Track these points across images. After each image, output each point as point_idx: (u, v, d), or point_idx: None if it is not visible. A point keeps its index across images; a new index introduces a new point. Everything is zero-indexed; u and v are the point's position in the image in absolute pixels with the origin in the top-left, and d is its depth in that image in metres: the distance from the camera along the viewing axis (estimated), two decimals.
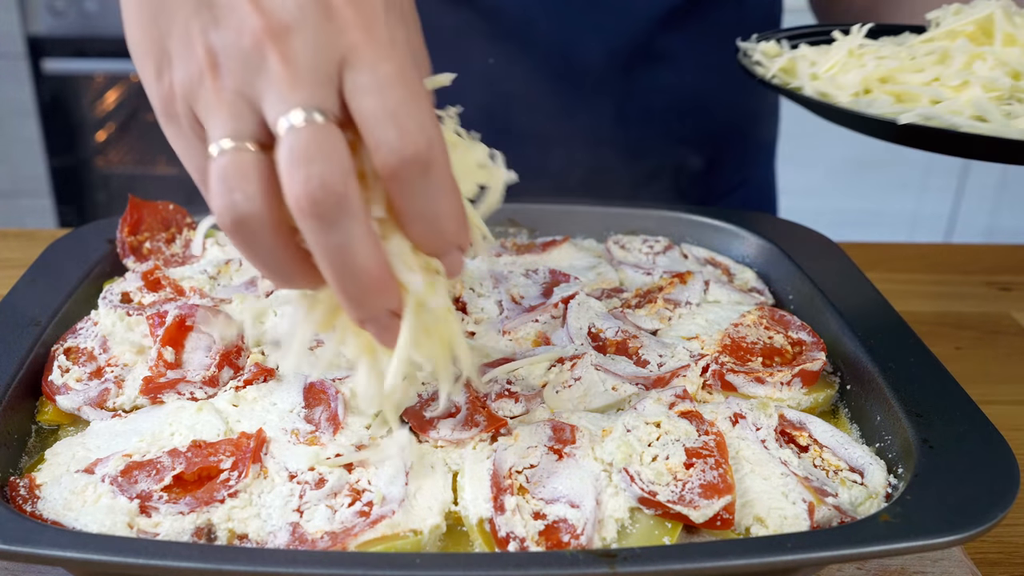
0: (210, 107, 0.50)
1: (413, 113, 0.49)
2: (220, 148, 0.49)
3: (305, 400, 0.65)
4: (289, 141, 0.47)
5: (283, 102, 0.48)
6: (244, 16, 0.49)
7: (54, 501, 0.56)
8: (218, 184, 0.49)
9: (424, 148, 0.49)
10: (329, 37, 0.49)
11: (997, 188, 2.87)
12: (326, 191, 0.47)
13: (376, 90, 0.49)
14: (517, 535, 0.54)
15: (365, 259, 0.49)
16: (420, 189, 0.50)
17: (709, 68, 1.12)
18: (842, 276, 0.83)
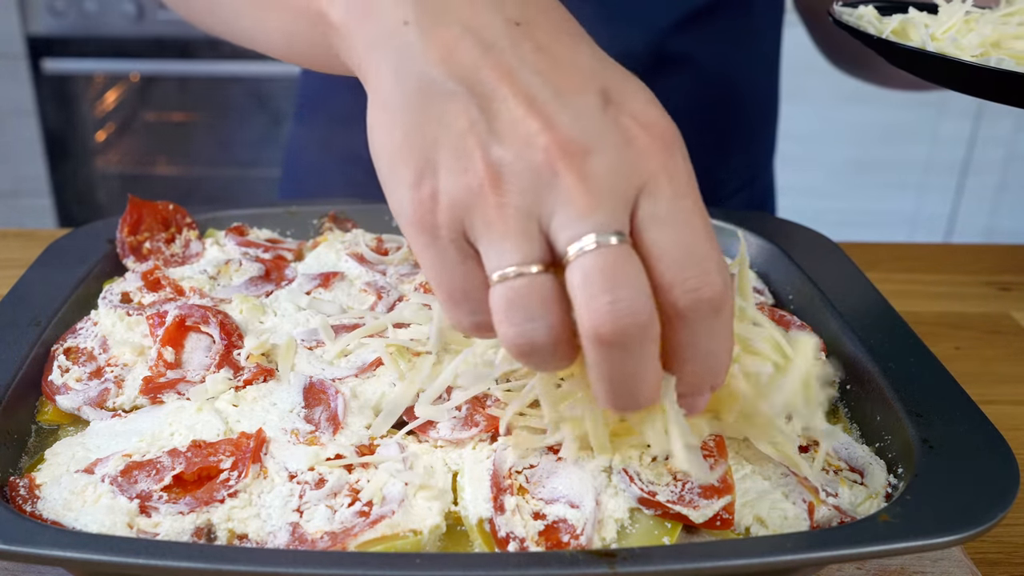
0: (492, 225, 0.48)
1: (711, 253, 0.48)
2: (505, 273, 0.47)
3: (305, 400, 0.65)
4: (586, 264, 0.46)
5: (580, 223, 0.46)
6: (534, 133, 0.47)
7: (54, 501, 0.56)
8: (511, 311, 0.48)
9: (720, 291, 0.48)
10: (629, 161, 0.48)
11: (997, 188, 2.87)
12: (633, 318, 0.46)
13: (676, 224, 0.48)
14: (517, 535, 0.54)
15: (651, 386, 0.49)
16: (706, 330, 0.49)
17: (718, 71, 1.12)
18: (842, 276, 0.83)
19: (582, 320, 0.47)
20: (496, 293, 0.48)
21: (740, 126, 1.21)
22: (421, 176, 0.49)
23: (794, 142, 2.63)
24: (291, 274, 0.83)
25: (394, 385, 0.66)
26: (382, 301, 0.78)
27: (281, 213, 0.94)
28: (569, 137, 0.47)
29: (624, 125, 0.49)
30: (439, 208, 0.49)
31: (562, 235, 0.47)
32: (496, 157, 0.47)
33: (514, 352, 0.49)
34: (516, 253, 0.47)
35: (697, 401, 0.53)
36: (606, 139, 0.48)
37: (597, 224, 0.46)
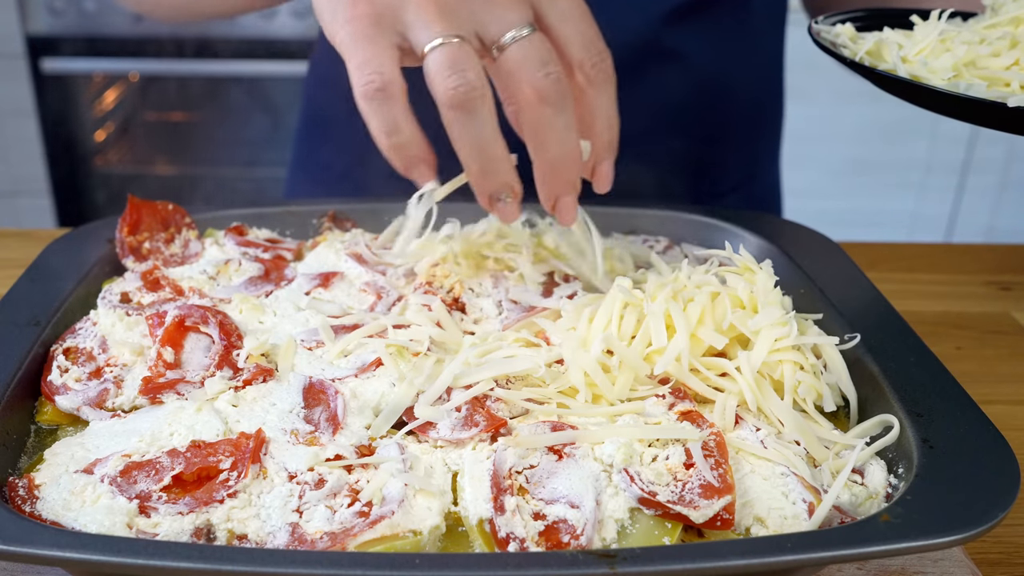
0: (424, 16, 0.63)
1: (601, 39, 0.70)
2: (434, 43, 0.63)
3: (304, 400, 0.65)
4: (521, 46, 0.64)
5: (504, 18, 0.64)
6: None
7: (53, 501, 0.56)
8: (443, 68, 0.63)
9: (611, 64, 0.70)
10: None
11: (997, 188, 2.87)
12: (561, 84, 0.65)
13: (575, 19, 0.68)
14: (517, 535, 0.54)
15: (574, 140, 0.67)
16: (607, 93, 0.70)
17: (713, 68, 1.12)
18: (842, 276, 0.82)
19: (525, 89, 0.64)
20: (429, 60, 0.64)
21: (735, 124, 1.21)
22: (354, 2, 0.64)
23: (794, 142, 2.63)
24: (291, 274, 0.83)
25: (394, 385, 0.66)
26: (382, 301, 0.78)
27: (281, 213, 0.94)
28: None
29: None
30: (376, 15, 0.64)
31: (491, 28, 0.65)
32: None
33: (448, 104, 0.63)
34: (444, 29, 0.63)
35: (606, 168, 0.73)
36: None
37: (519, 19, 0.65)
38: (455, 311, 0.76)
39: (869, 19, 0.90)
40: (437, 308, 0.75)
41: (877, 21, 0.88)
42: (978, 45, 0.77)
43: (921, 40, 0.79)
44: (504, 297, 0.78)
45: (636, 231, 0.95)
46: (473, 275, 0.82)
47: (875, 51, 0.81)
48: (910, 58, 0.78)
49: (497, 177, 0.67)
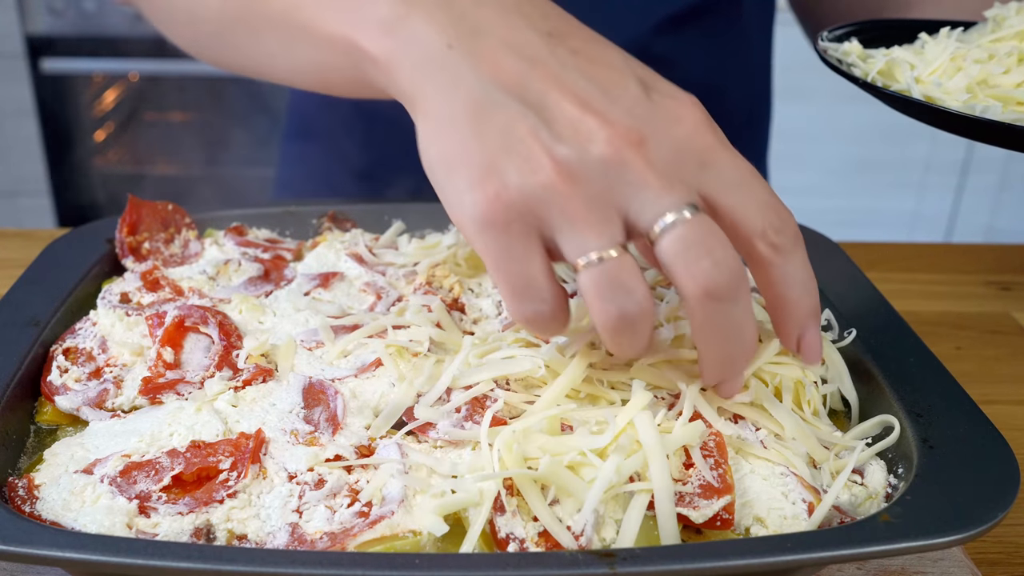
0: (570, 216, 0.53)
1: (777, 200, 0.58)
2: (590, 259, 0.53)
3: (304, 400, 0.65)
4: (678, 235, 0.53)
5: (658, 202, 0.53)
6: (594, 129, 0.53)
7: (53, 502, 0.56)
8: (604, 290, 0.53)
9: (796, 227, 0.58)
10: (684, 140, 0.55)
11: (997, 188, 2.87)
12: (732, 273, 0.54)
13: (743, 184, 0.56)
14: (517, 536, 0.54)
15: (753, 334, 0.58)
16: (799, 260, 0.58)
17: (707, 73, 1.12)
18: (842, 276, 0.82)
19: (687, 285, 0.53)
20: (585, 277, 0.53)
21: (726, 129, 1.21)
22: (484, 178, 0.53)
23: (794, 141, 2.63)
24: (290, 274, 0.83)
25: (394, 386, 0.66)
26: (381, 301, 0.78)
27: (280, 213, 0.94)
28: (627, 127, 0.53)
29: (667, 107, 0.56)
30: (508, 206, 0.53)
31: (644, 216, 0.53)
32: (562, 155, 0.53)
33: (609, 329, 0.54)
34: (599, 239, 0.53)
35: (813, 338, 0.62)
36: (658, 124, 0.55)
37: (675, 202, 0.53)
38: (455, 311, 0.76)
39: (873, 31, 0.89)
40: (437, 308, 0.75)
41: (880, 32, 0.88)
42: (988, 63, 0.76)
43: (933, 60, 0.78)
44: None
45: None
46: (473, 275, 0.82)
47: (886, 71, 0.80)
48: (923, 78, 0.77)
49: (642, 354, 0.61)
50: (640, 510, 0.55)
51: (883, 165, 2.85)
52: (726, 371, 0.59)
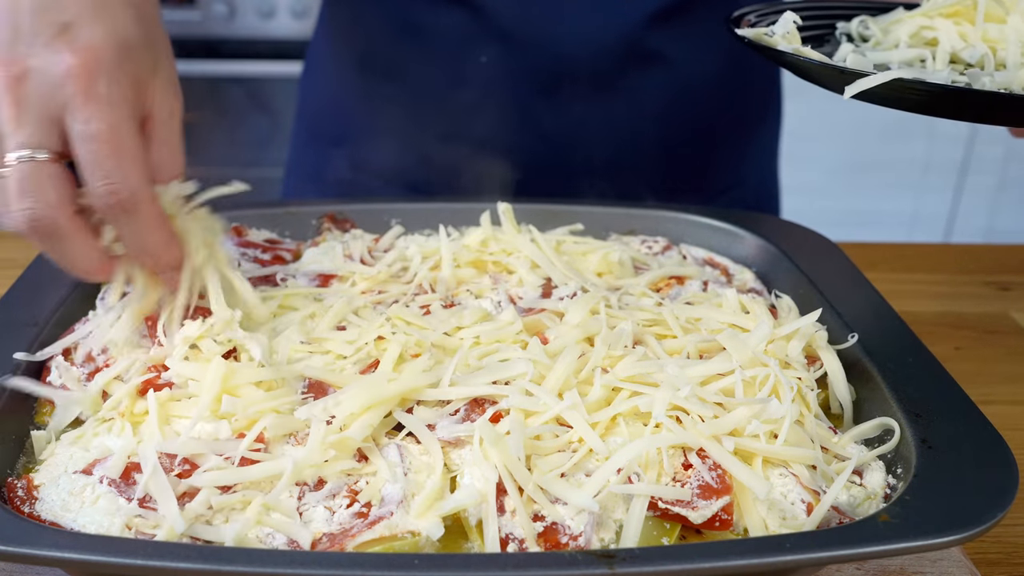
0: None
1: (118, 167, 0.60)
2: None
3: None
4: (5, 178, 0.59)
5: (10, 139, 0.59)
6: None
7: (52, 502, 0.56)
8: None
9: (126, 196, 0.60)
10: (53, 87, 0.59)
11: (996, 188, 2.87)
12: (39, 222, 0.60)
13: (87, 140, 0.59)
14: (516, 536, 0.54)
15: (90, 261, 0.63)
16: (128, 226, 0.62)
17: (701, 67, 1.12)
18: (841, 276, 0.82)
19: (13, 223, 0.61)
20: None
21: (722, 126, 1.20)
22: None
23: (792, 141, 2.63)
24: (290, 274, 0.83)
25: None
26: (381, 302, 0.77)
27: (280, 213, 0.94)
28: (13, 61, 0.59)
29: (57, 50, 0.59)
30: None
31: (4, 148, 0.59)
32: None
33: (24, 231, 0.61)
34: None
35: (170, 278, 0.68)
36: (43, 60, 0.59)
37: (17, 143, 0.59)
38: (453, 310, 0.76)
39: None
40: (436, 309, 0.75)
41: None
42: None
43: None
44: (503, 297, 0.78)
45: (635, 231, 0.95)
46: (472, 276, 0.82)
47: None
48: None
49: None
50: (641, 510, 0.55)
51: (882, 165, 2.85)
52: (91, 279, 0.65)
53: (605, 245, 0.87)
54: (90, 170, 0.60)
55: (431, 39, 1.08)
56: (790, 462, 0.59)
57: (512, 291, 0.79)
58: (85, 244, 0.62)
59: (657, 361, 0.66)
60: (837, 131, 2.79)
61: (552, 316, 0.73)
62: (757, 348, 0.67)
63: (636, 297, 0.78)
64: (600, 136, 1.12)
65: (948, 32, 0.75)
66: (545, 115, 1.10)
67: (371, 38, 1.13)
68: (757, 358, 0.66)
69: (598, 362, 0.65)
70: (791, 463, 0.59)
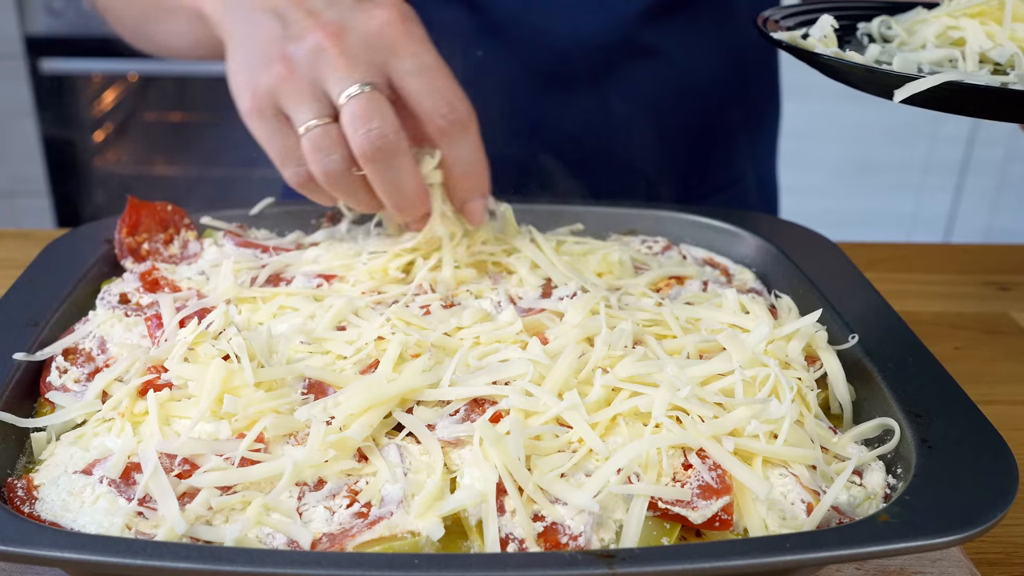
0: (294, 98, 0.71)
1: (453, 88, 0.73)
2: (308, 126, 0.71)
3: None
4: (350, 107, 0.70)
5: (341, 81, 0.70)
6: (309, 27, 0.71)
7: (52, 502, 0.56)
8: (313, 152, 0.72)
9: (465, 113, 0.73)
10: (372, 35, 0.71)
11: (996, 188, 2.87)
12: (383, 141, 0.70)
13: (421, 73, 0.72)
14: (516, 536, 0.54)
15: (413, 187, 0.74)
16: (462, 142, 0.74)
17: (697, 63, 1.12)
18: (841, 276, 0.82)
19: (353, 147, 0.70)
20: (303, 144, 0.72)
21: (717, 123, 1.20)
22: (248, 81, 0.73)
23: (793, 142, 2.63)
24: (290, 274, 0.83)
25: None
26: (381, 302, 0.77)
27: (279, 213, 0.94)
28: (329, 22, 0.71)
29: (366, 9, 0.72)
30: (259, 99, 0.72)
31: (333, 92, 0.71)
32: (289, 52, 0.71)
33: (323, 184, 0.74)
34: (309, 112, 0.71)
35: (476, 206, 0.79)
36: (356, 21, 0.71)
37: (354, 80, 0.70)
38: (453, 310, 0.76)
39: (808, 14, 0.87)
40: (435, 309, 0.75)
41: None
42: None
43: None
44: (503, 298, 0.78)
45: (635, 231, 0.95)
46: (472, 276, 0.82)
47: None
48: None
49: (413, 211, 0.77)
50: (640, 510, 0.55)
51: (882, 166, 2.85)
52: (404, 214, 0.77)
53: (605, 245, 0.87)
54: (428, 96, 0.71)
55: (428, 34, 1.09)
56: (790, 462, 0.59)
57: (512, 291, 0.79)
58: (413, 165, 0.73)
59: (657, 361, 0.66)
60: (838, 132, 2.79)
61: (552, 316, 0.73)
62: (757, 348, 0.67)
63: (636, 297, 0.78)
64: (596, 132, 1.12)
65: (975, 32, 0.75)
66: (541, 110, 1.10)
67: None
68: (757, 358, 0.66)
69: (598, 362, 0.65)
70: (791, 463, 0.59)
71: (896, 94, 0.66)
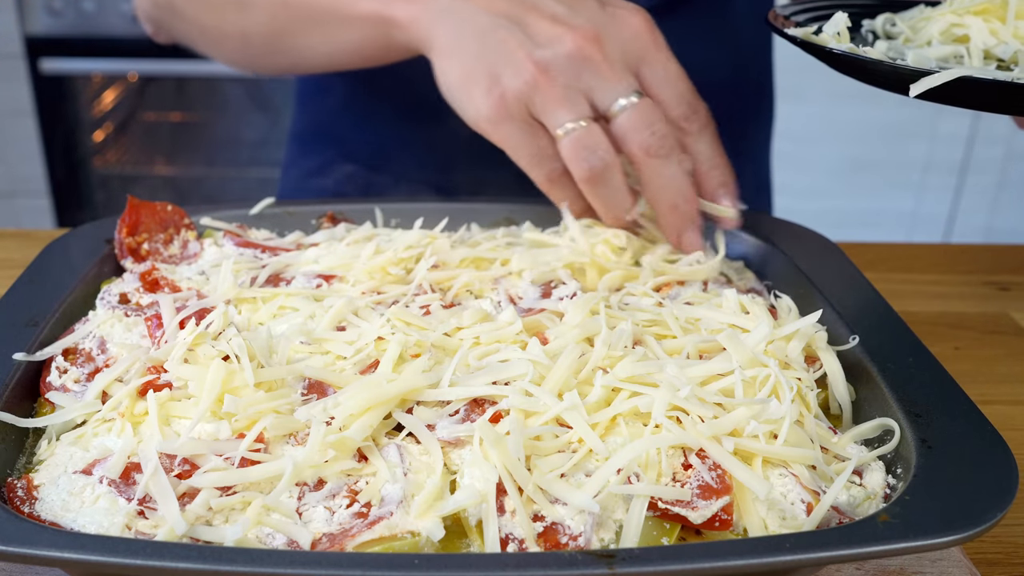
0: (549, 99, 0.73)
1: (694, 96, 0.79)
2: (566, 128, 0.74)
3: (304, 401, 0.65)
4: (629, 114, 0.74)
5: (614, 89, 0.74)
6: (560, 34, 0.74)
7: (52, 502, 0.56)
8: (577, 150, 0.74)
9: (704, 114, 0.80)
10: (629, 40, 0.76)
11: (996, 188, 2.87)
12: (667, 138, 0.76)
13: (669, 80, 0.78)
14: (516, 536, 0.54)
15: (685, 180, 0.79)
16: (707, 138, 0.80)
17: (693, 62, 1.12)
18: (841, 276, 0.82)
19: (635, 149, 0.75)
20: (564, 143, 0.74)
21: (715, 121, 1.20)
22: (490, 87, 0.74)
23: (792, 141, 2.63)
24: (290, 274, 0.83)
25: None
26: (381, 303, 0.77)
27: (279, 213, 0.94)
28: (586, 29, 0.73)
29: (618, 15, 0.76)
30: (508, 103, 0.74)
31: (604, 99, 0.75)
32: (540, 57, 0.73)
33: (585, 180, 0.76)
34: (569, 114, 0.73)
35: (727, 201, 0.84)
36: (610, 27, 0.75)
37: (625, 88, 0.74)
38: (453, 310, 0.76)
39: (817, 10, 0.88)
40: (435, 309, 0.75)
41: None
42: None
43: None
44: (503, 297, 0.78)
45: None
46: (473, 277, 0.82)
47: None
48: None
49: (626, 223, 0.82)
50: (640, 510, 0.55)
51: (882, 165, 2.85)
52: (677, 217, 0.80)
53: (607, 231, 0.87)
54: (677, 104, 0.77)
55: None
56: (790, 462, 0.59)
57: (512, 291, 0.79)
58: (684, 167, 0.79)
59: (657, 361, 0.66)
60: (837, 131, 2.79)
61: (552, 316, 0.73)
62: (757, 348, 0.67)
63: (637, 297, 0.78)
64: None
65: (980, 29, 0.76)
66: None
67: None
68: (757, 358, 0.66)
69: (598, 362, 0.65)
70: (791, 463, 0.59)
71: (912, 88, 0.68)
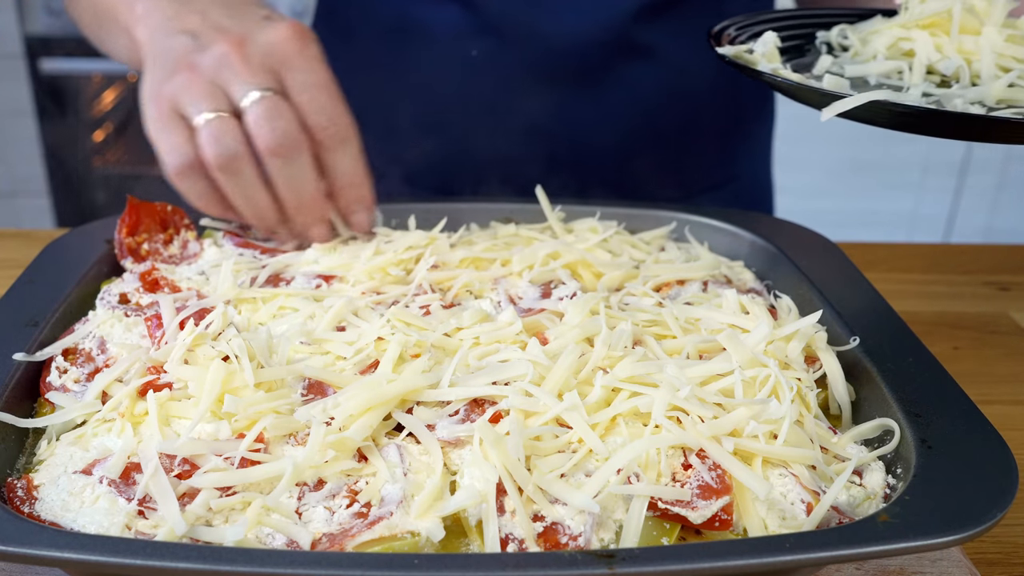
0: (194, 96, 0.76)
1: (335, 107, 0.79)
2: (204, 117, 0.75)
3: (304, 401, 0.65)
4: (255, 108, 0.75)
5: (246, 85, 0.76)
6: (216, 38, 0.78)
7: (52, 502, 0.56)
8: (209, 140, 0.75)
9: (341, 130, 0.79)
10: (272, 46, 0.78)
11: (995, 188, 2.87)
12: (286, 138, 0.76)
13: (308, 88, 0.78)
14: (516, 536, 0.54)
15: (311, 186, 0.80)
16: (342, 154, 0.80)
17: (692, 61, 1.12)
18: (841, 276, 0.83)
19: (258, 145, 0.76)
20: (201, 134, 0.75)
21: (710, 122, 1.20)
22: (156, 92, 0.78)
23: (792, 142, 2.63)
24: (290, 274, 0.83)
25: None
26: (381, 303, 0.77)
27: None
28: (234, 34, 0.77)
29: (270, 25, 0.78)
30: (163, 101, 0.77)
31: (235, 95, 0.76)
32: (195, 59, 0.77)
33: (216, 167, 0.76)
34: (208, 106, 0.75)
35: (361, 218, 0.85)
36: (258, 34, 0.78)
37: (255, 85, 0.76)
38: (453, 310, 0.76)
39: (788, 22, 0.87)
40: (435, 310, 0.75)
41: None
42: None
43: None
44: (503, 298, 0.78)
45: (635, 231, 0.95)
46: (472, 277, 0.82)
47: None
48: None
49: (267, 221, 0.82)
50: (640, 511, 0.55)
51: (881, 166, 2.85)
52: (303, 217, 0.81)
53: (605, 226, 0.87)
54: (316, 111, 0.77)
55: (423, 34, 1.09)
56: (790, 462, 0.59)
57: (512, 291, 0.79)
58: (313, 167, 0.79)
59: (657, 362, 0.66)
60: (837, 132, 2.79)
61: (552, 316, 0.73)
62: (757, 348, 0.67)
63: (638, 297, 0.78)
64: (590, 130, 1.12)
65: (924, 44, 0.75)
66: (535, 109, 1.10)
67: (364, 34, 1.14)
68: (757, 359, 0.66)
69: (598, 363, 0.65)
70: (791, 463, 0.59)
71: (823, 112, 0.67)
